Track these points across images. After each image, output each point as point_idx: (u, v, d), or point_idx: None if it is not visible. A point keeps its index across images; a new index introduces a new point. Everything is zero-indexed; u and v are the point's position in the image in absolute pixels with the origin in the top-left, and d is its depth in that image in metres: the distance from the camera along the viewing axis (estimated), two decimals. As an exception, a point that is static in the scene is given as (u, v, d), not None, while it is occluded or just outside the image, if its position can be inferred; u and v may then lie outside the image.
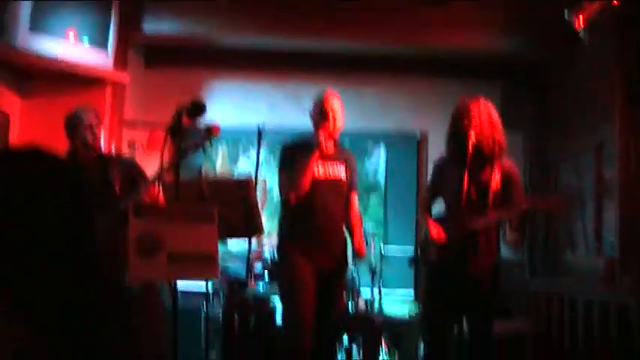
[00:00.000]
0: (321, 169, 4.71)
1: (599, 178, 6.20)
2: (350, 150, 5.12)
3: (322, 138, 4.60)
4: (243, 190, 4.32)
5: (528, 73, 7.61)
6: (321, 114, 4.70)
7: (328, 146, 4.67)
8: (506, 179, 4.46)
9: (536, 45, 6.89)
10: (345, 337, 5.84)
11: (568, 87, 6.94)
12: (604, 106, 6.04)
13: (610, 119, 5.87)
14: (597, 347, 5.35)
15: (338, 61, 7.58)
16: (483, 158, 4.40)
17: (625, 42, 5.75)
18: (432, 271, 4.68)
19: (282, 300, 4.87)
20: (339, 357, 5.89)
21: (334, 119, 4.69)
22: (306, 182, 4.60)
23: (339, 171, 4.80)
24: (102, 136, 4.98)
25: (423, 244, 4.76)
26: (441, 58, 7.55)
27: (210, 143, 4.19)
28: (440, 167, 4.72)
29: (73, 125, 4.78)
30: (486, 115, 4.40)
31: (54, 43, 5.93)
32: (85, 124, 4.77)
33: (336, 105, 4.73)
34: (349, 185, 4.89)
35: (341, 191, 4.81)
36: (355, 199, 5.01)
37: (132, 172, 4.89)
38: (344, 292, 5.28)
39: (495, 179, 4.43)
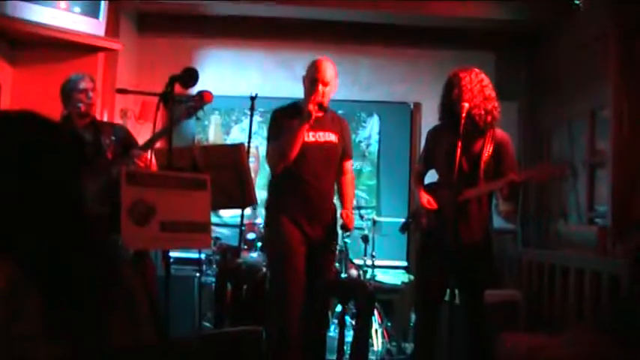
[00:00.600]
0: (311, 135, 4.65)
1: (592, 145, 6.21)
2: (342, 117, 5.05)
3: (311, 107, 4.54)
4: (235, 154, 4.32)
5: (522, 41, 7.59)
6: (311, 82, 4.65)
7: (318, 114, 4.62)
8: (498, 149, 4.47)
9: (529, 12, 6.85)
10: (339, 305, 5.88)
11: (562, 54, 6.93)
12: (598, 72, 6.03)
13: (604, 86, 5.87)
14: (588, 316, 5.38)
15: (332, 30, 7.53)
16: (475, 129, 4.40)
17: (620, 8, 5.73)
18: (424, 240, 4.69)
19: (271, 268, 4.86)
20: (331, 324, 5.94)
21: (324, 88, 4.64)
22: (294, 150, 4.54)
23: (330, 137, 4.74)
24: (96, 102, 4.98)
25: (415, 211, 4.77)
26: (435, 28, 7.51)
27: (203, 110, 4.18)
28: (432, 137, 4.72)
29: (68, 90, 4.79)
30: (478, 85, 4.39)
31: (45, 11, 5.89)
32: (80, 89, 4.78)
33: (329, 73, 4.66)
34: (342, 153, 4.86)
35: (331, 157, 4.76)
36: (349, 168, 4.98)
37: (124, 140, 4.90)
38: (334, 260, 5.25)
39: (487, 149, 4.44)
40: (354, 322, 5.53)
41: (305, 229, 4.63)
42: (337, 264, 5.94)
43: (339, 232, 5.01)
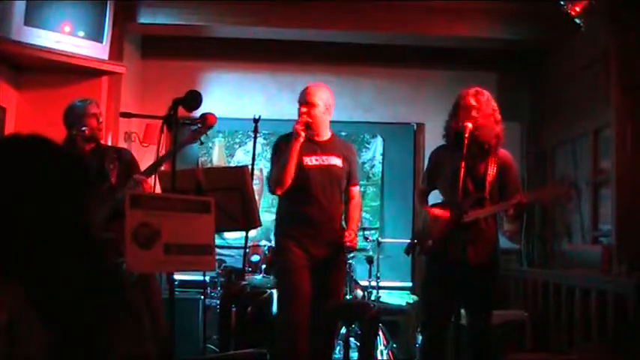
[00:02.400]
0: (314, 159, 4.69)
1: (595, 165, 6.22)
2: (348, 141, 5.08)
3: (298, 127, 4.58)
4: (239, 177, 4.32)
5: (524, 62, 7.62)
6: (299, 104, 4.72)
7: (309, 134, 4.65)
8: (503, 170, 4.46)
9: (532, 33, 6.88)
10: (343, 327, 5.86)
11: (564, 74, 6.95)
12: (601, 92, 6.05)
13: (606, 105, 5.88)
14: (594, 336, 5.36)
15: (334, 52, 7.57)
16: (480, 149, 4.40)
17: (622, 28, 5.75)
18: (430, 261, 4.68)
19: (278, 291, 4.88)
20: (336, 346, 5.91)
21: (310, 109, 4.67)
22: (288, 172, 4.58)
23: (334, 160, 4.76)
24: (102, 127, 5.00)
25: (419, 232, 4.76)
26: (437, 48, 7.54)
27: (207, 135, 4.20)
28: (436, 157, 4.71)
29: (78, 115, 4.78)
30: (485, 106, 4.40)
31: (50, 35, 5.93)
32: (91, 114, 4.79)
33: (315, 96, 4.71)
34: (348, 177, 4.87)
35: (335, 180, 4.77)
36: (356, 193, 4.98)
37: (129, 164, 4.91)
38: (344, 280, 5.25)
39: (492, 170, 4.43)
40: (358, 344, 5.52)
41: (310, 250, 4.64)
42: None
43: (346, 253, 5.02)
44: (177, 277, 6.25)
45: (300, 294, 4.56)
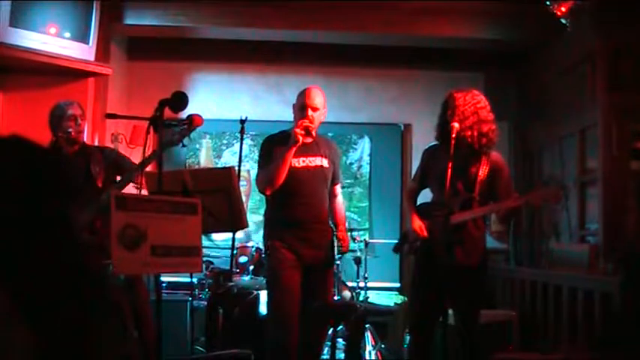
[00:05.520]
0: (301, 161, 4.67)
1: (582, 164, 6.24)
2: (332, 140, 5.06)
3: (298, 131, 4.54)
4: (225, 178, 4.31)
5: (511, 62, 7.64)
6: (300, 108, 4.67)
7: (307, 140, 4.62)
8: (494, 172, 4.45)
9: (518, 33, 6.91)
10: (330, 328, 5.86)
11: (551, 74, 6.98)
12: (587, 92, 6.08)
13: (593, 105, 5.91)
14: (581, 335, 5.38)
15: (321, 53, 7.57)
16: (470, 150, 4.39)
17: (608, 28, 5.78)
18: (419, 262, 4.67)
19: (268, 293, 4.86)
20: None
21: (313, 113, 4.65)
22: (281, 174, 4.54)
23: (320, 162, 4.74)
24: (85, 128, 4.99)
25: (407, 233, 4.76)
26: (424, 49, 7.55)
27: (189, 137, 4.19)
28: (428, 156, 4.69)
29: (57, 117, 4.80)
30: (472, 107, 4.38)
31: (35, 36, 5.90)
32: (69, 116, 4.79)
33: (317, 99, 4.67)
34: (332, 177, 4.88)
35: (323, 180, 4.76)
36: (339, 191, 4.99)
37: (115, 162, 4.91)
38: (333, 280, 5.24)
39: (483, 171, 4.42)
40: (345, 344, 5.52)
41: (300, 251, 4.63)
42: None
43: (335, 254, 5.02)
44: (165, 278, 6.25)
45: (290, 294, 4.55)
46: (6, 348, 1.44)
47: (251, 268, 6.33)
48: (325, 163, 4.76)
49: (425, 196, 4.80)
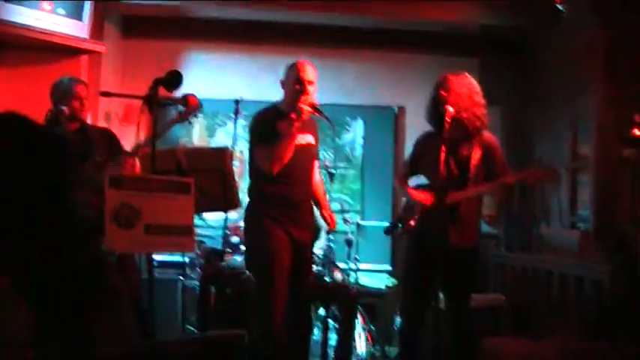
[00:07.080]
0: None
1: (574, 150, 6.25)
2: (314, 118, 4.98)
3: (302, 106, 4.41)
4: (219, 158, 4.30)
5: (507, 47, 7.63)
6: (300, 84, 4.57)
7: (313, 115, 4.54)
8: (487, 153, 4.46)
9: (514, 18, 6.89)
10: (322, 309, 5.87)
11: (546, 60, 6.98)
12: (582, 78, 6.08)
13: (587, 92, 5.91)
14: (571, 321, 5.41)
15: (317, 34, 7.55)
16: (463, 132, 4.40)
17: (606, 18, 5.77)
18: (412, 243, 4.67)
19: (257, 269, 4.75)
20: (315, 328, 5.93)
21: (310, 87, 4.59)
22: (288, 153, 4.43)
23: (309, 139, 4.68)
24: (85, 109, 4.95)
25: (402, 212, 4.76)
26: (420, 32, 7.54)
27: (196, 116, 4.17)
28: (422, 143, 4.68)
29: (62, 92, 4.75)
30: (466, 89, 4.39)
31: (29, 12, 5.86)
32: (76, 96, 4.75)
33: (312, 74, 4.57)
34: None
35: (312, 158, 4.74)
36: (317, 169, 4.94)
37: (111, 144, 4.89)
38: (312, 263, 5.21)
39: (476, 153, 4.43)
40: (337, 326, 5.53)
41: (292, 233, 4.57)
42: (321, 267, 5.92)
43: (324, 234, 4.99)
44: (156, 257, 6.24)
45: (284, 275, 4.50)
46: (7, 325, 1.44)
47: (243, 248, 6.33)
48: (312, 140, 4.72)
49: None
